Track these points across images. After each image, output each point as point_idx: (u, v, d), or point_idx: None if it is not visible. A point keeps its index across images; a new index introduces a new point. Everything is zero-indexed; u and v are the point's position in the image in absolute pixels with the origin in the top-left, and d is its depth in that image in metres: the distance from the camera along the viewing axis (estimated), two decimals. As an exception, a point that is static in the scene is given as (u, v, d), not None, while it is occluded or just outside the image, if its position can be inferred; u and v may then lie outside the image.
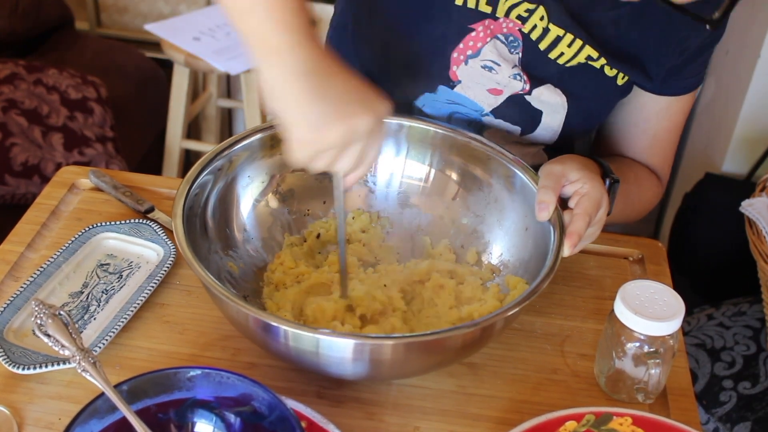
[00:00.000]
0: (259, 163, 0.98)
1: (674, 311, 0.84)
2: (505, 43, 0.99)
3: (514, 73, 1.01)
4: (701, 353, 1.56)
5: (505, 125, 1.05)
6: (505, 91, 1.02)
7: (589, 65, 1.00)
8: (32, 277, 0.94)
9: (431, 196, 1.03)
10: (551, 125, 1.05)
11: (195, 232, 0.89)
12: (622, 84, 1.03)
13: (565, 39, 0.98)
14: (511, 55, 1.00)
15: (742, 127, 1.98)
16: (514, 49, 0.99)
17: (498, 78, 1.01)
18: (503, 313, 0.79)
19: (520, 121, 1.05)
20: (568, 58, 0.99)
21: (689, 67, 1.04)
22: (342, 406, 0.86)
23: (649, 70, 1.02)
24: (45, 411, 0.83)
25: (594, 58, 0.99)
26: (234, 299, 0.78)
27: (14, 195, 1.92)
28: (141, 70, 2.44)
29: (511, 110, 1.04)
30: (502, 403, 0.88)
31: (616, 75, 1.02)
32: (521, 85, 1.02)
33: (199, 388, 0.74)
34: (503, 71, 1.01)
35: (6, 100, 1.97)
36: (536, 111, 1.04)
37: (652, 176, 1.12)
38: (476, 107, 1.04)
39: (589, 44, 0.98)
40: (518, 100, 1.03)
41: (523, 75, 1.01)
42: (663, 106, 1.08)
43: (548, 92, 1.02)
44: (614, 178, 0.95)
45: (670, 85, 1.05)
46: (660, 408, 0.89)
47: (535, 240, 0.92)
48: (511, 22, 0.98)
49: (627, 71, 1.02)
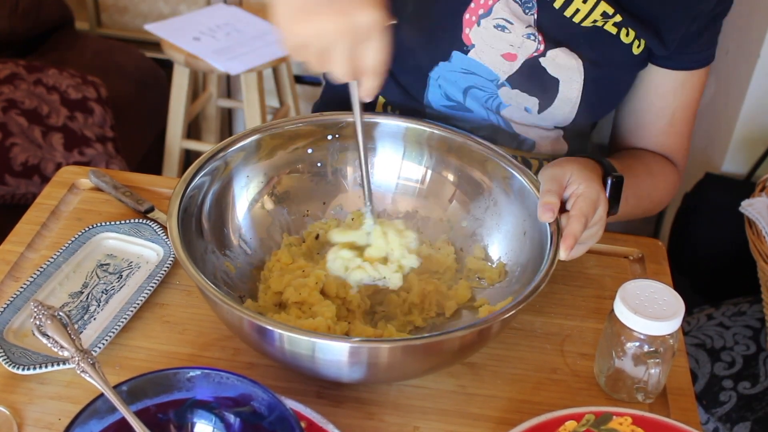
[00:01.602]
0: (256, 164, 0.98)
1: (674, 311, 0.84)
2: (518, 2, 0.99)
3: (528, 32, 1.00)
4: (701, 353, 1.56)
5: (523, 97, 1.04)
6: (519, 55, 1.02)
7: (605, 30, 1.00)
8: (32, 277, 0.94)
9: (428, 198, 1.02)
10: (569, 96, 1.04)
11: (191, 233, 0.89)
12: (638, 53, 1.03)
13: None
14: (525, 16, 1.00)
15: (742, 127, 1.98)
16: (528, 9, 0.99)
17: (511, 38, 1.01)
18: (499, 315, 0.79)
19: (538, 91, 1.04)
20: (584, 15, 0.99)
21: (701, 38, 1.04)
22: (341, 406, 0.86)
23: (663, 35, 1.02)
24: (45, 411, 0.83)
25: (609, 15, 0.99)
26: (226, 300, 0.78)
27: (14, 195, 1.92)
28: (141, 70, 2.44)
29: (527, 78, 1.03)
30: (502, 403, 0.88)
31: (631, 43, 1.02)
32: (535, 45, 1.01)
33: (198, 389, 0.74)
34: (516, 30, 1.00)
35: (6, 100, 1.97)
36: (553, 79, 1.03)
37: (667, 165, 1.12)
38: (491, 75, 1.03)
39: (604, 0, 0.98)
40: (534, 66, 1.02)
41: (538, 35, 1.01)
42: (679, 83, 1.08)
43: (564, 55, 1.02)
44: (616, 176, 0.95)
45: (684, 58, 1.06)
46: (660, 408, 0.89)
47: (532, 243, 0.92)
48: None
49: (642, 33, 1.01)
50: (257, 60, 2.24)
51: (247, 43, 2.30)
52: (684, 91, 1.09)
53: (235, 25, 2.37)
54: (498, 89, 1.04)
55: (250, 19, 2.41)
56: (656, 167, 1.10)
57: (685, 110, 1.11)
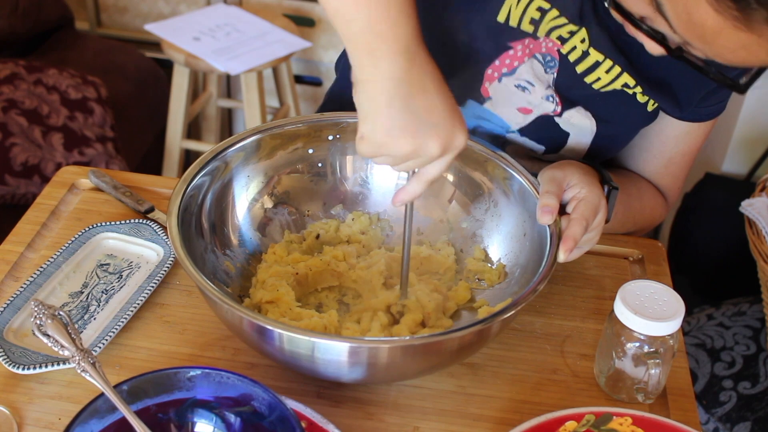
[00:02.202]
0: (256, 164, 0.98)
1: (674, 311, 0.84)
2: (542, 62, 0.97)
3: (548, 94, 0.99)
4: (701, 353, 1.56)
5: (530, 143, 1.04)
6: (535, 111, 1.01)
7: (622, 92, 0.98)
8: (32, 277, 0.94)
9: (428, 199, 1.02)
10: (576, 148, 1.04)
11: (191, 232, 0.89)
12: (651, 110, 1.01)
13: (604, 65, 0.96)
14: (546, 75, 0.98)
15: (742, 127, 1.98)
16: (549, 68, 0.98)
17: (530, 98, 1.00)
18: (498, 315, 0.79)
19: (546, 141, 1.04)
20: (604, 84, 0.98)
21: (716, 95, 1.03)
22: (342, 406, 0.86)
23: (681, 98, 1.00)
24: (45, 411, 0.83)
25: (630, 86, 0.98)
26: (224, 299, 0.78)
27: (14, 195, 1.92)
28: (141, 70, 2.44)
29: (539, 130, 1.03)
30: (502, 403, 0.88)
31: (647, 102, 1.00)
32: (553, 107, 1.00)
33: (199, 388, 0.74)
34: (536, 92, 1.00)
35: (6, 100, 1.97)
36: (564, 132, 1.03)
37: (657, 195, 1.11)
38: (503, 125, 1.03)
39: (627, 71, 0.96)
40: (547, 121, 1.02)
41: (556, 97, 1.00)
42: (683, 131, 1.06)
43: (579, 115, 1.01)
44: (613, 185, 0.95)
45: (696, 111, 1.04)
46: (660, 408, 0.89)
47: (532, 245, 0.92)
48: (551, 42, 0.96)
49: (659, 99, 1.00)
50: (257, 60, 2.24)
51: (247, 43, 2.31)
52: (687, 140, 1.07)
53: (235, 25, 2.37)
54: (507, 134, 1.04)
55: (250, 19, 2.41)
56: (647, 194, 1.10)
57: (683, 156, 1.09)
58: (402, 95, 0.75)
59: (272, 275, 0.93)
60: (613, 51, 0.95)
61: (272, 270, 0.94)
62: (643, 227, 1.12)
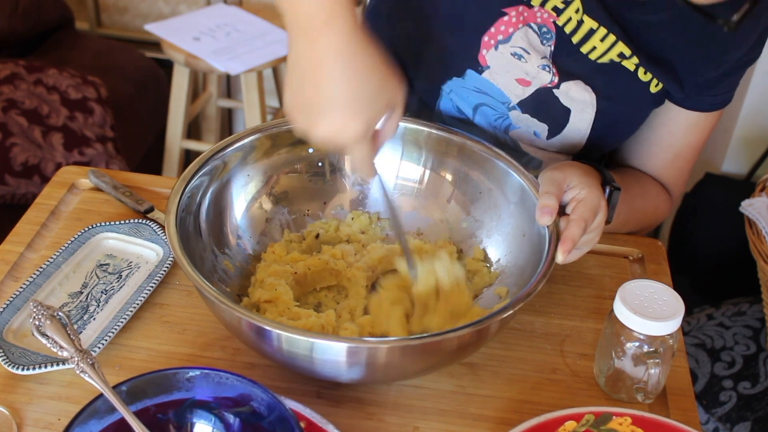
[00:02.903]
0: (255, 164, 0.98)
1: (674, 311, 0.84)
2: (537, 33, 0.98)
3: (543, 64, 0.99)
4: (701, 353, 1.56)
5: (533, 122, 1.04)
6: (533, 83, 1.01)
7: (622, 66, 0.98)
8: (32, 277, 0.94)
9: (428, 199, 1.02)
10: (579, 126, 1.04)
11: (189, 231, 0.89)
12: (655, 92, 1.01)
13: (599, 33, 0.96)
14: (542, 47, 0.99)
15: (742, 127, 1.98)
16: (546, 40, 0.98)
17: (527, 67, 1.00)
18: (497, 315, 0.79)
19: (548, 118, 1.03)
20: (600, 54, 0.98)
21: (723, 83, 1.02)
22: (341, 407, 0.86)
23: (683, 79, 1.00)
24: (44, 411, 0.83)
25: (626, 56, 0.97)
26: (221, 298, 0.78)
27: (14, 195, 1.92)
28: (141, 70, 2.44)
29: (539, 105, 1.02)
30: (502, 403, 0.88)
31: (650, 81, 1.00)
32: (549, 77, 1.00)
33: (198, 389, 0.74)
34: (532, 60, 1.00)
35: (6, 100, 1.97)
36: (564, 108, 1.02)
37: (661, 193, 1.11)
38: (504, 98, 1.03)
39: (622, 40, 0.96)
40: (546, 94, 1.02)
41: (553, 68, 1.00)
42: (691, 122, 1.06)
43: (577, 88, 1.01)
44: (615, 186, 0.94)
45: (701, 100, 1.03)
46: (660, 408, 0.89)
47: (531, 246, 0.92)
48: (546, 13, 0.97)
49: (660, 76, 1.00)
50: (257, 60, 2.24)
51: (247, 43, 2.31)
52: (694, 131, 1.07)
53: (235, 25, 2.37)
54: (509, 111, 1.04)
55: (250, 19, 2.41)
56: (651, 191, 1.10)
57: (690, 149, 1.09)
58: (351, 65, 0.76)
59: (271, 274, 0.93)
60: (606, 19, 0.95)
61: (271, 269, 0.94)
62: (647, 225, 1.12)
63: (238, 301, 0.92)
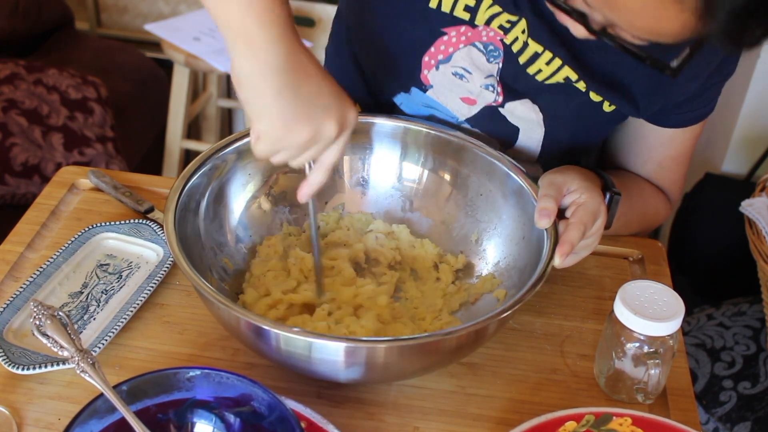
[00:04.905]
0: (254, 163, 0.98)
1: (674, 311, 0.84)
2: (483, 51, 0.96)
3: (486, 83, 0.98)
4: (701, 353, 1.56)
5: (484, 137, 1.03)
6: (478, 102, 1.00)
7: (573, 86, 0.96)
8: (32, 277, 0.94)
9: (426, 199, 1.02)
10: (528, 144, 1.02)
11: (188, 230, 0.89)
12: (609, 111, 0.99)
13: (544, 56, 0.94)
14: (488, 65, 0.97)
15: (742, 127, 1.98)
16: (494, 58, 0.96)
17: (469, 87, 0.99)
18: (496, 315, 0.78)
19: (497, 135, 1.02)
20: (546, 76, 0.96)
21: (700, 98, 0.99)
22: (341, 407, 0.86)
23: (639, 101, 0.97)
24: (44, 411, 0.83)
25: (573, 81, 0.95)
26: (219, 298, 0.78)
27: (14, 195, 1.92)
28: (141, 70, 2.44)
29: (487, 122, 1.01)
30: (502, 403, 0.88)
31: (601, 102, 0.98)
32: (493, 96, 0.99)
33: (198, 389, 0.74)
34: (474, 80, 0.98)
35: (6, 100, 1.97)
36: (513, 127, 1.01)
37: (659, 195, 1.09)
38: (450, 115, 1.02)
39: (568, 65, 0.94)
40: (493, 113, 1.01)
41: (498, 87, 0.98)
42: (667, 138, 1.04)
43: (523, 107, 0.99)
44: (615, 191, 0.93)
45: (672, 118, 1.01)
46: (660, 408, 0.89)
47: (530, 248, 0.92)
48: (492, 32, 0.95)
49: (611, 99, 0.97)
50: (257, 60, 2.24)
51: (247, 43, 2.30)
52: (674, 144, 1.04)
53: (235, 25, 2.37)
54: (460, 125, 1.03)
55: (250, 19, 2.41)
56: (650, 194, 1.08)
57: (674, 160, 1.06)
58: (289, 84, 0.75)
59: (263, 270, 0.94)
60: (552, 43, 0.93)
61: (264, 265, 0.94)
62: (647, 227, 1.12)
63: (236, 300, 0.92)
